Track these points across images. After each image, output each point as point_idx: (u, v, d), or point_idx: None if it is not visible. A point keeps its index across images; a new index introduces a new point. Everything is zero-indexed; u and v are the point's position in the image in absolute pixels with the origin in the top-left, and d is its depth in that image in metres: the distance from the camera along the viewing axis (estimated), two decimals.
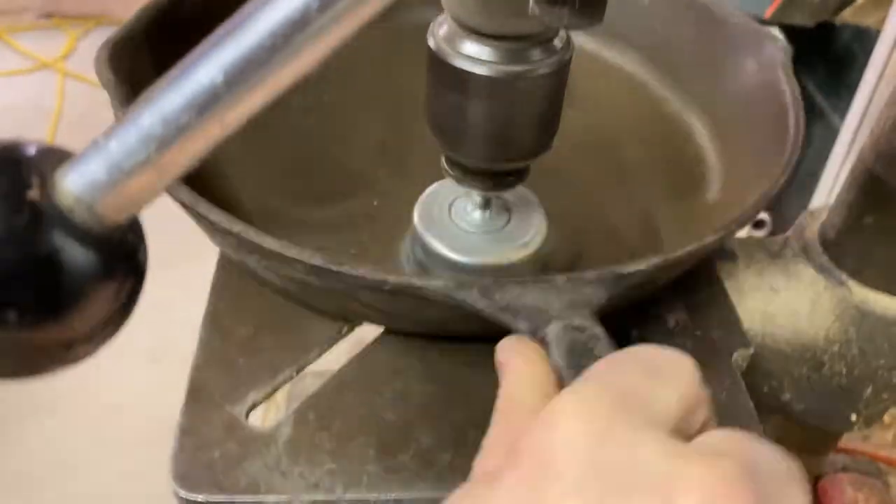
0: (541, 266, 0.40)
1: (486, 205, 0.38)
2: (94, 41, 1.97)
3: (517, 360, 0.25)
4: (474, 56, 0.31)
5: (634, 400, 0.19)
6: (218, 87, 0.16)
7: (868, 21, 0.91)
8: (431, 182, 0.41)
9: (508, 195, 0.40)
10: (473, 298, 0.28)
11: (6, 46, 1.87)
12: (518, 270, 0.38)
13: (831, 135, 0.94)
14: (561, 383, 0.24)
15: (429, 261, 0.39)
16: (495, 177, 0.36)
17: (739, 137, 0.43)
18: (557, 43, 0.32)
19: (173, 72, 0.17)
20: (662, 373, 0.20)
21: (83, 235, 0.17)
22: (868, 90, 0.90)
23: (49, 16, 1.98)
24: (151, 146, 0.17)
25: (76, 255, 0.17)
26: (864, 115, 0.90)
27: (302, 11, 0.16)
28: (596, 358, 0.23)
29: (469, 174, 0.36)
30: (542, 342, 0.25)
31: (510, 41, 0.30)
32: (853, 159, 0.55)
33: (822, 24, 0.95)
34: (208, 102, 0.16)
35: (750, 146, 0.41)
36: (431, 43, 0.32)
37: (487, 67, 0.31)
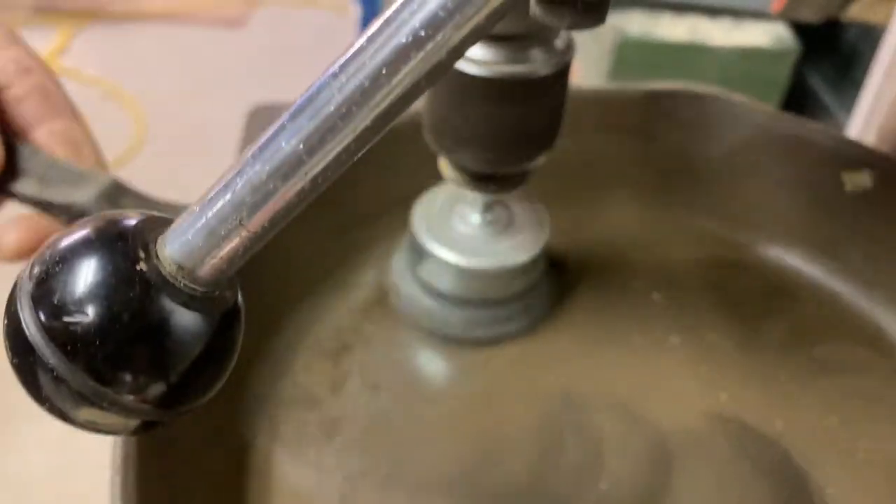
0: (543, 269, 0.39)
1: (487, 207, 0.38)
2: (89, 37, 1.96)
3: None
4: (474, 57, 0.30)
5: None
6: (300, 155, 0.18)
7: (876, 18, 0.90)
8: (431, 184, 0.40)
9: (510, 197, 0.39)
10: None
11: None
12: (520, 273, 0.38)
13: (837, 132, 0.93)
14: None
15: (428, 263, 0.38)
16: (497, 180, 0.35)
17: None
18: (559, 44, 0.31)
19: (259, 142, 0.18)
20: None
21: (187, 299, 0.19)
22: (874, 87, 0.89)
23: (42, 11, 1.97)
24: (243, 212, 0.18)
25: (184, 318, 0.19)
26: (871, 112, 0.89)
27: (372, 79, 0.17)
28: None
29: (470, 177, 0.35)
30: None
31: (510, 42, 0.30)
32: None
33: (829, 21, 0.94)
34: (292, 169, 0.18)
35: None
36: None
37: (487, 68, 0.30)
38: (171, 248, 0.19)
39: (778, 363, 0.37)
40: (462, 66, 0.30)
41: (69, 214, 0.28)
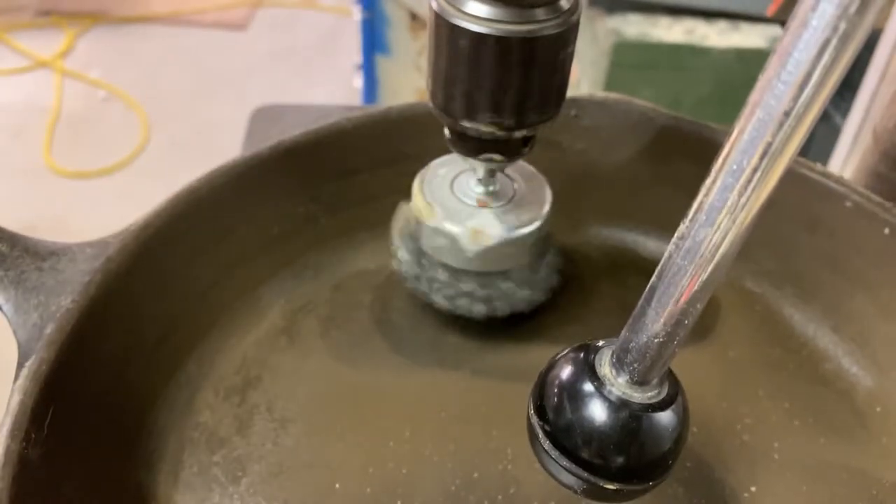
0: (543, 241, 0.39)
1: (489, 179, 0.37)
2: (93, 40, 1.97)
3: None
4: (478, 15, 0.30)
5: None
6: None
7: None
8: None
9: (513, 170, 0.39)
10: None
11: (3, 45, 1.87)
12: (520, 245, 0.38)
13: (833, 134, 0.94)
14: None
15: (428, 234, 0.38)
16: (499, 146, 0.35)
17: None
18: (564, 3, 0.31)
19: (651, 286, 0.22)
20: None
21: (644, 406, 0.23)
22: (870, 89, 0.90)
23: (47, 13, 1.98)
24: (667, 327, 0.22)
25: (649, 423, 0.23)
26: (866, 114, 0.90)
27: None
28: None
29: (472, 144, 0.34)
30: None
31: (515, 0, 0.30)
32: (856, 159, 0.55)
33: None
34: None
35: None
36: (434, 4, 0.31)
37: (491, 26, 0.30)
38: (615, 369, 0.23)
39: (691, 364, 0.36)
40: (466, 24, 0.30)
41: None
